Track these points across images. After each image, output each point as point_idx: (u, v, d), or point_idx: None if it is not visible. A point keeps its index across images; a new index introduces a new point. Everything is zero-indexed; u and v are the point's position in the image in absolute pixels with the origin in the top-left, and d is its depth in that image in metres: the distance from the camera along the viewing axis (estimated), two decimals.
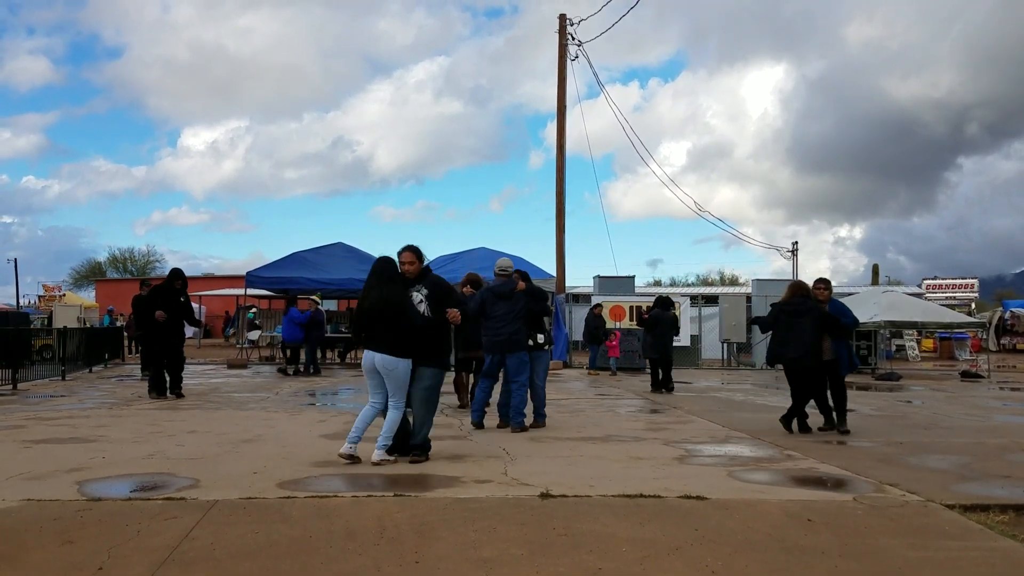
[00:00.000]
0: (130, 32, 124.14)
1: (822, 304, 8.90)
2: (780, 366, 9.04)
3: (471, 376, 10.88)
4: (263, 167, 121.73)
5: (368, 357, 6.62)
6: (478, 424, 8.86)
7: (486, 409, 9.03)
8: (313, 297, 18.98)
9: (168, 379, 11.71)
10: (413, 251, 6.91)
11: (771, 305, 9.50)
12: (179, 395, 11.68)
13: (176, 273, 12.18)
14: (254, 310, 29.18)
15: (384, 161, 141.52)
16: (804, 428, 8.79)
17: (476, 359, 10.25)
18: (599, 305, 20.20)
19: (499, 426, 8.82)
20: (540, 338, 9.05)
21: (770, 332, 9.15)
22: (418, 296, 6.75)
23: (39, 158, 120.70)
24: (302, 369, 17.16)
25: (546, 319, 9.72)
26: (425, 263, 7.09)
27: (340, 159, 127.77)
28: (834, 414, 8.95)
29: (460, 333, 9.82)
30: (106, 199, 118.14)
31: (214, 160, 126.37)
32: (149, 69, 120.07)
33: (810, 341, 8.56)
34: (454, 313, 6.75)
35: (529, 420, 8.84)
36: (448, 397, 11.75)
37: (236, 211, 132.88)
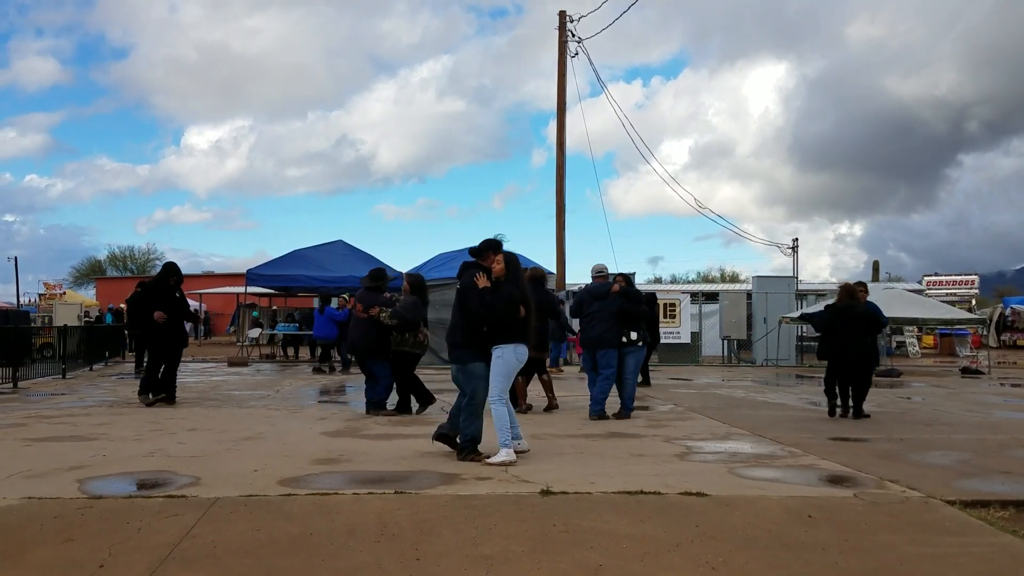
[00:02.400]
0: (137, 33, 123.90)
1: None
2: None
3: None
4: (267, 165, 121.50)
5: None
6: (600, 415, 9.35)
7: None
8: (344, 295, 19.13)
9: (164, 381, 10.66)
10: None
11: (826, 307, 10.72)
12: (171, 401, 10.63)
13: (170, 268, 11.04)
14: (286, 312, 29.31)
15: (386, 159, 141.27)
16: (834, 413, 9.89)
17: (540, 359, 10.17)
18: (563, 300, 19.69)
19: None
20: (633, 335, 9.52)
21: (814, 329, 10.66)
22: None
23: (43, 157, 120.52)
24: (336, 368, 17.27)
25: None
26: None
27: (343, 157, 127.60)
28: (850, 401, 9.97)
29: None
30: (109, 197, 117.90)
31: (218, 159, 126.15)
32: (155, 69, 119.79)
33: (864, 341, 9.79)
34: None
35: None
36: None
37: (239, 209, 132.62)
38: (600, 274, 9.68)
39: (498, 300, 6.50)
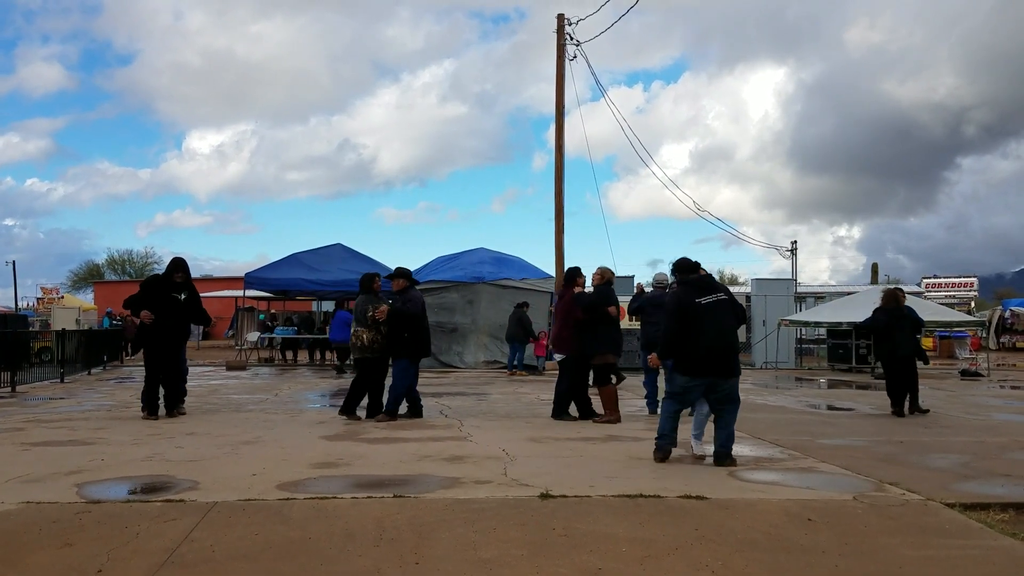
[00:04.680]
0: (142, 39, 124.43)
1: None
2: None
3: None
4: (268, 169, 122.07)
5: None
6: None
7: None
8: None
9: (164, 393, 9.79)
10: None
11: (875, 311, 11.19)
12: (179, 412, 9.84)
13: (176, 264, 9.99)
14: (284, 315, 29.32)
15: (388, 163, 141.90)
16: (902, 412, 10.45)
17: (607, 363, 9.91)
18: (526, 303, 19.02)
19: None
20: None
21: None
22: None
23: (45, 161, 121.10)
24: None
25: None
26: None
27: (345, 161, 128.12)
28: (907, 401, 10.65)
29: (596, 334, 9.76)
30: (110, 201, 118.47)
31: (219, 163, 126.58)
32: (159, 75, 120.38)
33: (914, 340, 10.72)
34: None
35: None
36: (451, 399, 11.66)
37: (240, 213, 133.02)
38: (660, 284, 10.54)
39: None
